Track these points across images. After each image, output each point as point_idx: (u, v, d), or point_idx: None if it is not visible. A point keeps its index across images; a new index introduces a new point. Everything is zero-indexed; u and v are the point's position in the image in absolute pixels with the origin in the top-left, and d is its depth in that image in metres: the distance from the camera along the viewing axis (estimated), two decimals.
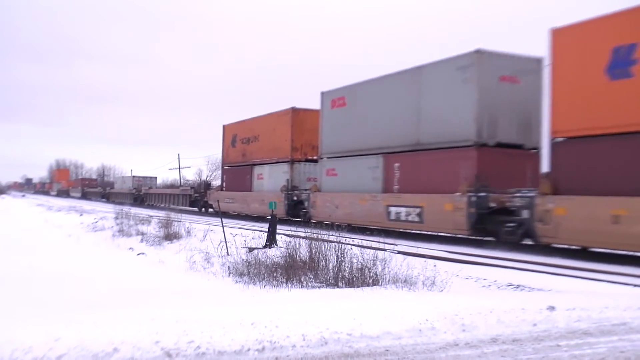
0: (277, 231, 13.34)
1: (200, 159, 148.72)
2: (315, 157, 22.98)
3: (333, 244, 8.93)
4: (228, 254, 11.25)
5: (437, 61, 16.07)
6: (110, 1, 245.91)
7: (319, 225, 10.85)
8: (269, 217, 14.17)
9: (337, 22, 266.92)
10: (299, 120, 23.93)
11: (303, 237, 9.80)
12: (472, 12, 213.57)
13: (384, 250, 9.26)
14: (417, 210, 15.88)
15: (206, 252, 11.46)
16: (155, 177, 67.85)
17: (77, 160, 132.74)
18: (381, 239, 9.92)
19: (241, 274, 9.08)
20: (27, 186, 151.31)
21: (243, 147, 28.71)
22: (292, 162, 23.96)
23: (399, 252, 10.70)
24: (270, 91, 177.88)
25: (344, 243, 8.95)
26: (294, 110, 24.00)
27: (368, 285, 7.67)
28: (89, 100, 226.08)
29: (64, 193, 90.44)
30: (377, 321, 5.09)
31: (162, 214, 23.30)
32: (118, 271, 10.26)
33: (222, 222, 13.52)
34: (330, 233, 9.69)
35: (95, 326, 4.55)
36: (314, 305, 5.74)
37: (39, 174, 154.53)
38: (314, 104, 23.53)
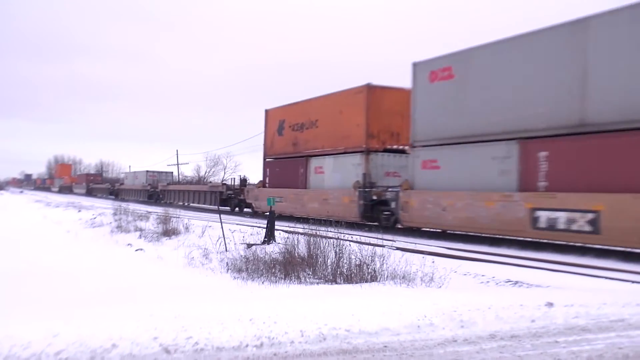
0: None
1: (198, 155, 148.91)
2: (395, 147, 19.26)
3: (331, 240, 8.94)
4: (226, 250, 11.26)
5: (616, 9, 11.74)
6: None
7: (416, 232, 9.28)
8: (336, 220, 12.36)
9: (337, 18, 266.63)
10: (375, 100, 19.19)
11: (301, 234, 9.81)
12: (473, 9, 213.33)
13: (382, 246, 9.27)
14: (589, 216, 11.54)
15: (204, 248, 11.46)
16: (172, 173, 61.71)
17: (75, 156, 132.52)
18: (379, 235, 9.93)
19: (239, 270, 9.09)
20: (27, 182, 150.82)
21: (294, 135, 23.63)
22: (367, 152, 19.12)
23: (397, 249, 10.74)
24: (270, 88, 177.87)
25: (342, 239, 8.96)
26: (370, 88, 19.26)
27: (366, 282, 7.67)
28: (87, 97, 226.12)
29: (66, 189, 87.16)
30: (375, 317, 5.10)
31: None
32: (116, 267, 10.25)
33: (220, 219, 13.51)
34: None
35: (94, 322, 4.56)
36: (313, 302, 5.73)
37: (37, 170, 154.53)
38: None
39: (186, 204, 40.52)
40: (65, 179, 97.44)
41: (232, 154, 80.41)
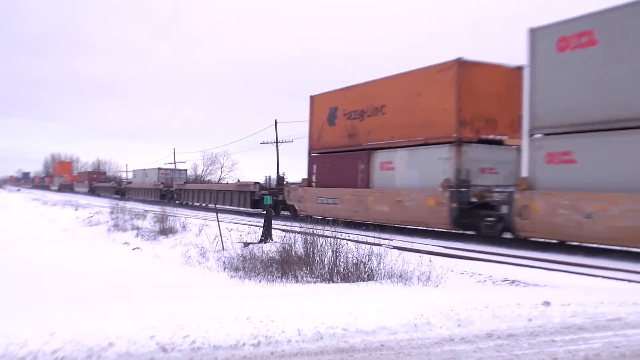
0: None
1: (195, 154, 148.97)
2: (491, 137, 15.76)
3: (328, 239, 8.93)
4: (223, 249, 11.26)
5: None
6: None
7: (533, 245, 7.98)
8: (416, 227, 9.44)
9: (337, 10, 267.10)
10: (467, 78, 15.43)
11: (298, 232, 9.81)
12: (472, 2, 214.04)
13: (380, 245, 9.27)
14: None
15: (201, 247, 11.45)
16: (185, 170, 56.84)
17: (72, 155, 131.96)
18: (376, 234, 9.93)
19: (236, 269, 9.09)
20: (25, 180, 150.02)
21: (351, 125, 19.79)
22: (459, 143, 15.31)
23: (395, 247, 10.74)
24: (269, 86, 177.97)
25: (339, 238, 8.95)
26: (462, 64, 15.48)
27: (363, 280, 7.67)
28: (86, 95, 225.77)
29: (66, 188, 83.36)
30: (372, 316, 5.10)
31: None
32: (113, 265, 10.24)
33: (217, 217, 13.50)
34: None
35: (91, 320, 4.55)
36: (310, 300, 5.73)
37: (34, 168, 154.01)
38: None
39: (204, 204, 36.16)
40: (65, 177, 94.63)
41: (229, 153, 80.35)
